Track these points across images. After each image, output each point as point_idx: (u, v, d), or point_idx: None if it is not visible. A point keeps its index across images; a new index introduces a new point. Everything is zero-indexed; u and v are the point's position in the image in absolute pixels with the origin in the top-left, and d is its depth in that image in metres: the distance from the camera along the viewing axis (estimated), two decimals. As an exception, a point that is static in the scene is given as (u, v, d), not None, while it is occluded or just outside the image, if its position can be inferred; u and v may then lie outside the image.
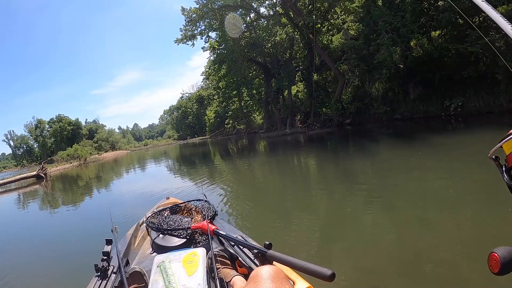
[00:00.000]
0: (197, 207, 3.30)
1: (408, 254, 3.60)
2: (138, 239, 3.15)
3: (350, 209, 5.71)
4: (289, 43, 32.40)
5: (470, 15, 17.11)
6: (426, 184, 6.23)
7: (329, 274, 1.36)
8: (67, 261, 5.42)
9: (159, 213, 3.22)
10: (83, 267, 3.54)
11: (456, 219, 4.33)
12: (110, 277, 2.20)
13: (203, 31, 32.55)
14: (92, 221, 8.40)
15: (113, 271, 2.25)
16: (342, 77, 25.61)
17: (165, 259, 2.08)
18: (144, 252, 2.87)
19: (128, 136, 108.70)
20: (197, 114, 78.74)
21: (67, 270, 5.00)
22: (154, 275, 1.97)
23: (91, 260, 2.40)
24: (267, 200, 7.67)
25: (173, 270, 1.97)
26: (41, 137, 75.59)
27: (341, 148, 15.46)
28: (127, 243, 2.84)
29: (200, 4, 30.12)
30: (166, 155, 37.45)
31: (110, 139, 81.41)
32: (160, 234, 2.78)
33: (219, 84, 41.02)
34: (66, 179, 26.71)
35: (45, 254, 6.32)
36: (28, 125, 79.28)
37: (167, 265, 2.01)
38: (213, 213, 3.04)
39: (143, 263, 2.51)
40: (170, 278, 1.90)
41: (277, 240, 4.22)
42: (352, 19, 26.32)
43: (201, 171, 15.44)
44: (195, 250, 2.14)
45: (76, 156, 49.59)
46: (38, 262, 5.85)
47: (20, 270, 5.54)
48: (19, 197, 19.32)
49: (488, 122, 13.60)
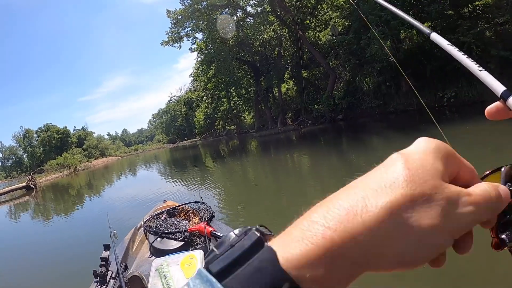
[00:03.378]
0: (194, 209, 3.28)
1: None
2: (136, 243, 3.17)
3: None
4: (277, 41, 32.22)
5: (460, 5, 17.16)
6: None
7: None
8: (65, 268, 5.47)
9: (156, 217, 3.17)
10: (82, 273, 3.54)
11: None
12: (109, 282, 2.21)
13: (189, 33, 32.32)
14: (89, 228, 8.44)
15: (112, 276, 2.27)
16: (333, 73, 25.45)
17: (163, 262, 2.06)
18: (143, 256, 2.89)
19: (117, 142, 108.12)
20: (186, 116, 78.32)
21: (65, 277, 5.00)
22: (152, 279, 1.96)
23: (90, 266, 2.42)
24: (264, 200, 7.71)
25: (172, 273, 1.96)
26: (29, 147, 74.86)
27: (335, 144, 15.32)
28: (125, 248, 2.87)
29: (186, 6, 29.78)
30: (157, 160, 37.23)
31: (99, 146, 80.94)
32: (158, 237, 2.77)
33: (207, 85, 40.74)
34: (57, 189, 26.26)
35: (43, 261, 6.35)
36: (16, 136, 78.64)
37: (165, 269, 2.00)
38: (210, 215, 3.02)
39: (142, 268, 2.54)
40: (169, 281, 1.90)
41: None
42: (338, 15, 26.20)
43: (195, 174, 15.22)
44: (193, 253, 2.14)
45: (66, 165, 48.96)
46: (36, 270, 5.91)
47: (18, 278, 5.62)
48: (10, 209, 18.92)
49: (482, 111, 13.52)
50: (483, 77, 0.52)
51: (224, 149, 29.77)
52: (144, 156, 59.60)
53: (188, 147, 49.14)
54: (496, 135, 8.20)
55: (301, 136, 22.77)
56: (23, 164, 79.61)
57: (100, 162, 63.43)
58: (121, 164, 47.32)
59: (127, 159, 63.46)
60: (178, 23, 31.11)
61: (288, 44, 31.69)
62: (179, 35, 31.95)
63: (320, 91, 28.24)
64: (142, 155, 63.96)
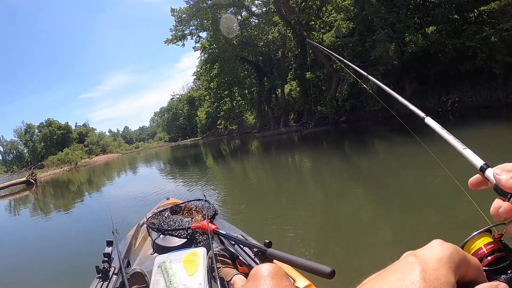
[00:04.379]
0: (197, 207, 3.29)
1: (407, 250, 3.47)
2: (139, 240, 3.18)
3: (348, 207, 5.80)
4: (282, 42, 32.17)
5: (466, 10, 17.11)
6: (425, 181, 6.10)
7: (329, 271, 1.37)
8: (68, 264, 5.49)
9: (159, 214, 3.20)
10: (84, 269, 3.55)
11: (456, 218, 4.27)
12: (112, 278, 2.22)
13: (194, 31, 32.30)
14: (90, 224, 8.45)
15: (114, 272, 2.27)
16: (336, 74, 25.39)
17: (166, 259, 2.07)
18: (145, 253, 2.90)
19: (118, 139, 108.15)
20: (188, 115, 78.41)
21: (68, 272, 5.02)
22: (155, 275, 1.96)
23: (92, 262, 2.41)
24: (266, 199, 7.74)
25: (174, 270, 1.96)
26: (31, 142, 74.83)
27: (337, 146, 15.29)
28: (128, 244, 2.86)
29: (190, 4, 29.77)
30: (158, 158, 37.22)
31: (100, 142, 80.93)
32: (160, 234, 2.77)
33: (210, 84, 40.75)
34: (57, 185, 26.23)
35: (45, 257, 6.38)
36: (17, 130, 78.52)
37: (168, 266, 2.00)
38: (213, 213, 3.05)
39: (144, 264, 2.54)
40: (171, 278, 1.90)
41: (277, 238, 4.34)
42: (343, 17, 26.17)
43: (198, 173, 15.20)
44: (195, 250, 2.13)
45: (66, 161, 48.86)
46: (39, 265, 5.92)
47: (20, 273, 5.63)
48: (10, 204, 18.88)
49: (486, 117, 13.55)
50: (466, 154, 0.62)
51: (226, 148, 29.76)
52: (145, 153, 59.65)
53: (189, 146, 49.16)
54: (499, 140, 8.20)
55: (303, 137, 22.73)
56: (24, 159, 79.59)
57: (101, 159, 63.43)
58: (122, 161, 47.30)
59: (128, 156, 63.47)
60: (182, 22, 31.05)
61: (292, 45, 31.64)
62: (183, 33, 31.89)
63: (323, 93, 28.22)
64: (143, 153, 63.99)
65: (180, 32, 31.82)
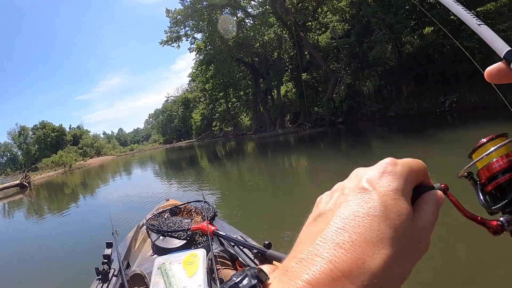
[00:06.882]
0: (196, 208, 3.27)
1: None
2: (139, 241, 3.19)
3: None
4: (278, 43, 32.09)
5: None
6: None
7: None
8: (67, 266, 5.54)
9: (159, 215, 3.17)
10: (84, 271, 3.57)
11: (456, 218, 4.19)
12: (111, 280, 2.22)
13: (189, 33, 32.19)
14: (89, 226, 8.49)
15: (114, 274, 2.27)
16: (333, 75, 25.31)
17: (165, 261, 2.07)
18: (145, 254, 2.92)
19: (113, 141, 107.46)
20: (183, 117, 78.01)
21: (68, 274, 5.05)
22: (155, 277, 1.96)
23: (92, 263, 2.40)
24: (265, 201, 7.79)
25: (174, 271, 1.97)
26: (24, 144, 74.10)
27: (334, 148, 15.21)
28: (127, 246, 2.88)
29: (185, 5, 29.63)
30: (153, 160, 37.07)
31: (95, 144, 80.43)
32: (160, 236, 2.78)
33: (205, 86, 40.60)
34: (51, 187, 25.99)
35: (44, 259, 6.39)
36: (11, 132, 77.72)
37: (167, 267, 2.01)
38: (212, 214, 3.01)
39: (144, 266, 2.57)
40: (171, 279, 1.91)
41: (276, 240, 4.33)
42: (338, 19, 26.17)
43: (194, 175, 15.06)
44: (195, 251, 2.15)
45: (61, 163, 48.48)
46: (37, 268, 5.91)
47: (20, 275, 5.65)
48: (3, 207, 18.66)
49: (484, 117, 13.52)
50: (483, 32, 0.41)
51: (221, 150, 29.66)
52: (140, 156, 59.43)
53: (184, 148, 49.08)
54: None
55: (300, 139, 22.65)
56: (18, 162, 78.72)
57: (96, 161, 63.02)
58: (117, 163, 47.06)
59: (123, 158, 63.21)
60: (178, 23, 30.93)
61: (288, 46, 31.56)
62: (178, 34, 31.79)
63: (319, 94, 28.15)
64: (138, 155, 63.75)
65: (175, 34, 31.72)
